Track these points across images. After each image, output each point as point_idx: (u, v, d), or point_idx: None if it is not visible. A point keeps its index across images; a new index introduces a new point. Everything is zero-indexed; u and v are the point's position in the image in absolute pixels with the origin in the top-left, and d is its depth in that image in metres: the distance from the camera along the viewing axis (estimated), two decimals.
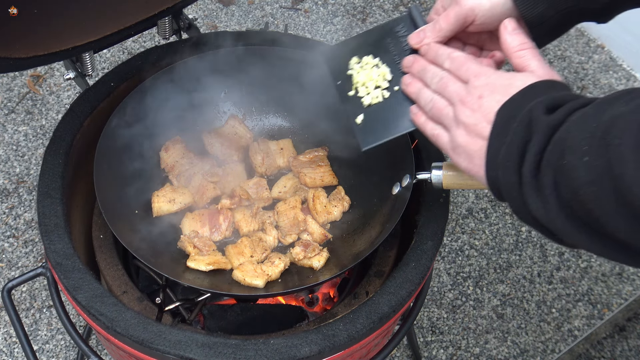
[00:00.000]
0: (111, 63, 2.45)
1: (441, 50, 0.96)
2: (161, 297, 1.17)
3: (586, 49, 2.67)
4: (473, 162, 0.86)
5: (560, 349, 1.92)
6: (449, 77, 0.92)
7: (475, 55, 1.05)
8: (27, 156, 2.20)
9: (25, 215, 2.08)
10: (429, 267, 1.14)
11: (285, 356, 1.00)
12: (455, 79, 0.91)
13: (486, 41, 1.05)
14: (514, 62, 0.90)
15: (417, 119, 0.97)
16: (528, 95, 0.82)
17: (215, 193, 1.30)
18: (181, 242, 1.22)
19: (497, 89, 0.85)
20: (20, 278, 1.18)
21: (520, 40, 0.90)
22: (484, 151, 0.84)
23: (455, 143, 0.88)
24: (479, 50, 1.06)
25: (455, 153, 0.89)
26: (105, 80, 1.33)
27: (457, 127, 0.88)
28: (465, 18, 0.96)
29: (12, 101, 2.34)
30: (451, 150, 0.90)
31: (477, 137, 0.85)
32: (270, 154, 1.38)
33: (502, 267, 2.06)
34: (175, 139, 1.35)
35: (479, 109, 0.85)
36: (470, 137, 0.86)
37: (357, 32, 2.61)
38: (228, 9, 2.66)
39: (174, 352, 1.00)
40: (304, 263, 1.21)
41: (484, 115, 0.84)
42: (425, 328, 1.94)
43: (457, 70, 0.91)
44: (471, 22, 0.97)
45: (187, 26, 1.43)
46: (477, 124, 0.85)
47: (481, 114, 0.85)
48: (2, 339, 1.86)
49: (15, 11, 1.04)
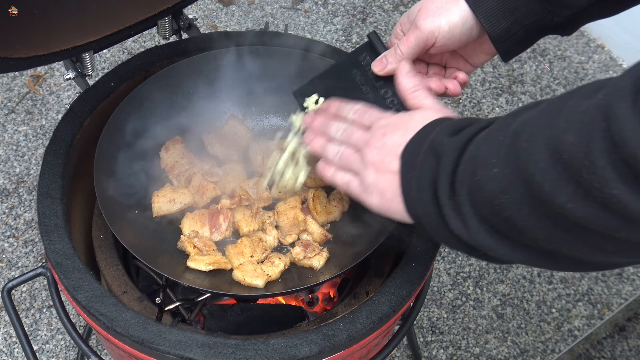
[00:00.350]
0: (111, 63, 2.45)
1: (342, 104, 1.00)
2: (161, 297, 1.17)
3: (586, 49, 2.67)
4: (385, 197, 0.88)
5: (560, 349, 1.92)
6: (353, 127, 0.95)
7: (440, 74, 1.10)
8: (27, 156, 2.20)
9: (25, 215, 2.08)
10: (429, 267, 1.14)
11: (285, 356, 1.00)
12: (358, 127, 0.95)
13: (449, 59, 1.08)
14: (409, 103, 0.95)
15: (326, 172, 0.98)
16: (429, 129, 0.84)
17: (215, 193, 1.30)
18: (181, 242, 1.22)
19: (398, 125, 0.89)
20: (20, 278, 1.18)
21: (415, 82, 0.96)
22: (395, 184, 0.86)
23: (365, 184, 0.90)
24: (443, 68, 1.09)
25: (367, 193, 0.91)
26: (105, 80, 1.33)
27: (366, 168, 0.90)
28: (426, 42, 0.98)
29: (12, 101, 2.34)
30: (363, 193, 0.92)
31: (385, 173, 0.87)
32: (270, 154, 1.38)
33: (502, 267, 2.06)
34: (175, 139, 1.35)
35: (384, 146, 0.88)
36: (379, 174, 0.88)
37: (357, 32, 2.62)
38: (228, 9, 2.66)
39: (174, 352, 1.00)
40: (304, 263, 1.21)
41: (389, 150, 0.87)
42: (425, 328, 1.94)
43: (360, 118, 0.95)
44: (432, 45, 0.99)
45: (187, 26, 1.43)
46: (383, 160, 0.87)
47: (387, 150, 0.87)
48: (2, 339, 1.86)
49: (15, 11, 1.04)
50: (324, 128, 1.00)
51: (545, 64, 2.50)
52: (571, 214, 0.63)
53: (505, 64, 2.58)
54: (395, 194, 0.86)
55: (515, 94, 2.49)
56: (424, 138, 0.83)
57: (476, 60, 1.06)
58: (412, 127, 0.86)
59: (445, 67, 1.09)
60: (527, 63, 2.59)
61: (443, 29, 0.96)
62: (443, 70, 1.08)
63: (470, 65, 1.07)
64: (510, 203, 0.69)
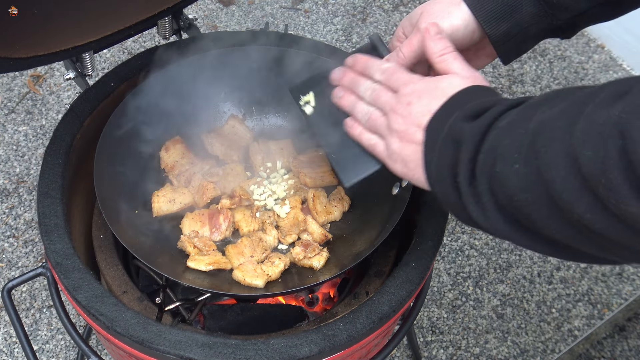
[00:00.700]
0: (111, 63, 2.45)
1: (370, 61, 0.98)
2: (161, 297, 1.17)
3: (586, 49, 2.67)
4: (408, 167, 0.89)
5: (560, 349, 1.92)
6: (381, 89, 0.94)
7: None
8: (27, 156, 2.20)
9: (25, 215, 2.08)
10: (429, 267, 1.14)
11: (285, 356, 1.00)
12: (386, 90, 0.94)
13: None
14: (437, 67, 0.93)
15: (353, 131, 0.98)
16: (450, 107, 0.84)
17: (215, 193, 1.30)
18: (181, 242, 1.22)
19: (423, 93, 0.88)
20: (20, 278, 1.18)
21: (443, 45, 0.92)
22: (418, 155, 0.86)
23: (390, 150, 0.91)
24: None
25: (391, 160, 0.91)
26: (105, 80, 1.33)
27: (391, 135, 0.90)
28: None
29: (12, 101, 2.34)
30: (387, 158, 0.92)
31: (409, 143, 0.87)
32: (270, 154, 1.38)
33: (502, 267, 2.06)
34: (175, 139, 1.35)
35: (409, 115, 0.88)
36: (403, 143, 0.88)
37: (357, 32, 2.62)
38: (228, 9, 2.66)
39: (174, 352, 1.00)
40: (304, 263, 1.21)
41: (413, 120, 0.87)
42: (425, 328, 1.94)
43: (388, 80, 0.94)
44: None
45: (187, 26, 1.43)
46: (408, 130, 0.87)
47: (411, 120, 0.87)
48: (2, 339, 1.86)
49: (15, 11, 1.04)
50: (353, 85, 0.99)
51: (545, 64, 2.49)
52: (590, 224, 0.64)
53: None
54: (418, 164, 0.86)
55: (515, 94, 2.49)
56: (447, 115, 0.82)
57: (478, 62, 1.06)
58: (437, 95, 0.86)
59: None
60: (527, 63, 2.59)
61: (445, 32, 0.96)
62: None
63: None
64: (529, 202, 0.69)
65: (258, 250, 1.22)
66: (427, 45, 0.93)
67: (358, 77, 0.99)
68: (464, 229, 2.13)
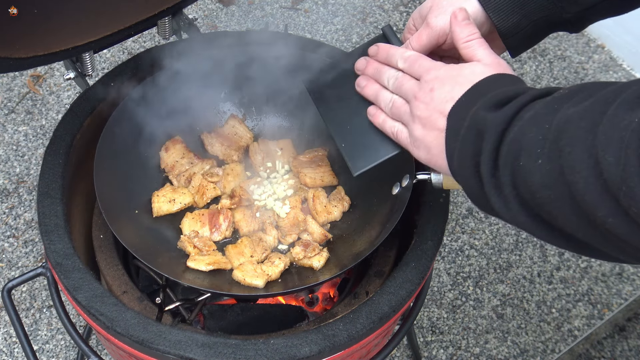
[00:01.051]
0: (111, 63, 2.45)
1: (392, 50, 0.98)
2: (161, 297, 1.17)
3: (586, 49, 2.67)
4: (431, 153, 0.88)
5: (560, 349, 1.92)
6: (404, 76, 0.94)
7: None
8: (27, 156, 2.20)
9: (25, 215, 2.08)
10: (429, 267, 1.14)
11: (285, 356, 1.00)
12: (409, 77, 0.93)
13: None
14: (462, 52, 0.92)
15: (376, 119, 0.98)
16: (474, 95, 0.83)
17: (215, 193, 1.30)
18: (181, 242, 1.22)
19: (446, 80, 0.87)
20: (20, 278, 1.18)
21: (469, 31, 0.92)
22: (440, 141, 0.86)
23: (413, 137, 0.91)
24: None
25: (415, 146, 0.91)
26: (105, 80, 1.33)
27: (414, 122, 0.90)
28: (438, 39, 0.98)
29: (12, 101, 2.34)
30: (411, 145, 0.92)
31: (432, 129, 0.87)
32: (270, 154, 1.38)
33: (502, 267, 2.06)
34: (175, 139, 1.35)
35: (431, 101, 0.87)
36: (426, 130, 0.88)
37: (357, 32, 2.62)
38: (228, 9, 2.66)
39: (174, 352, 1.00)
40: (304, 263, 1.21)
41: (436, 107, 0.87)
42: (425, 328, 1.94)
43: (410, 68, 0.94)
44: (444, 42, 0.98)
45: (187, 26, 1.43)
46: (430, 116, 0.87)
47: (433, 106, 0.87)
48: (2, 339, 1.86)
49: (15, 11, 1.04)
50: (376, 74, 0.99)
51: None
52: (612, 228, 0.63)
53: None
54: (440, 151, 0.86)
55: None
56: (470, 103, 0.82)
57: None
58: (460, 82, 0.85)
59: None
60: (527, 63, 2.59)
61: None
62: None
63: None
64: (552, 199, 0.69)
65: (258, 250, 1.22)
66: (454, 31, 0.93)
67: (381, 66, 0.99)
68: (464, 229, 2.13)
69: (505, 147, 0.74)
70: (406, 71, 0.94)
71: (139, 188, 1.28)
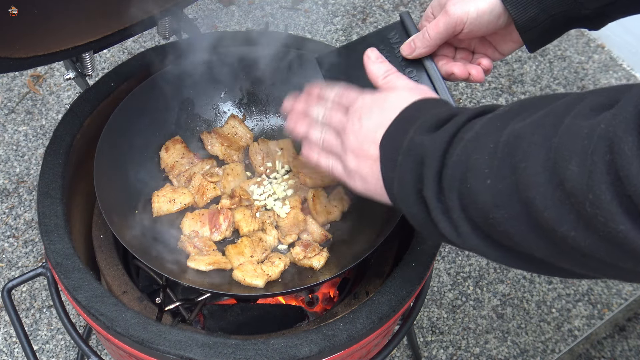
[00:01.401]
0: (111, 63, 2.45)
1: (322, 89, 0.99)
2: (161, 297, 1.17)
3: (586, 49, 2.67)
4: (368, 183, 0.87)
5: (560, 349, 1.92)
6: (332, 110, 0.94)
7: (467, 59, 1.08)
8: (27, 156, 2.20)
9: (25, 215, 2.08)
10: (429, 267, 1.14)
11: (285, 356, 1.00)
12: (337, 110, 0.93)
13: (477, 45, 1.07)
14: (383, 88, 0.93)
15: (311, 156, 0.98)
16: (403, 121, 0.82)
17: (215, 193, 1.30)
18: (181, 242, 1.22)
19: (373, 107, 0.87)
20: (20, 278, 1.18)
21: (386, 67, 0.94)
22: (375, 170, 0.85)
23: (348, 169, 0.90)
24: (471, 54, 1.08)
25: (350, 178, 0.90)
26: (105, 80, 1.33)
27: (346, 153, 0.89)
28: (455, 27, 0.97)
29: (12, 101, 2.34)
30: (347, 177, 0.91)
31: (365, 159, 0.86)
32: (270, 154, 1.38)
33: (502, 267, 2.06)
34: (175, 139, 1.35)
35: (360, 130, 0.87)
36: (359, 160, 0.87)
37: (357, 32, 2.62)
38: (228, 9, 2.66)
39: (174, 352, 1.00)
40: (304, 263, 1.21)
41: (366, 136, 0.86)
42: (425, 328, 1.94)
43: (339, 100, 0.94)
44: (460, 31, 0.98)
45: (187, 26, 1.43)
46: (362, 146, 0.86)
47: (364, 135, 0.86)
48: (2, 339, 1.86)
49: (15, 11, 1.04)
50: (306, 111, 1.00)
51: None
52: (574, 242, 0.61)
53: (505, 64, 2.58)
54: (377, 179, 0.85)
55: (515, 94, 2.49)
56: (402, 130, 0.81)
57: (504, 48, 1.05)
58: (387, 108, 0.85)
59: (473, 53, 1.08)
60: (527, 63, 2.59)
61: (471, 16, 0.96)
62: (471, 55, 1.07)
63: (498, 53, 1.06)
64: (506, 219, 0.66)
65: (258, 250, 1.22)
66: (370, 70, 0.95)
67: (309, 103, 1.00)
68: None
69: (449, 170, 0.72)
70: (335, 103, 0.95)
71: (139, 188, 1.28)
